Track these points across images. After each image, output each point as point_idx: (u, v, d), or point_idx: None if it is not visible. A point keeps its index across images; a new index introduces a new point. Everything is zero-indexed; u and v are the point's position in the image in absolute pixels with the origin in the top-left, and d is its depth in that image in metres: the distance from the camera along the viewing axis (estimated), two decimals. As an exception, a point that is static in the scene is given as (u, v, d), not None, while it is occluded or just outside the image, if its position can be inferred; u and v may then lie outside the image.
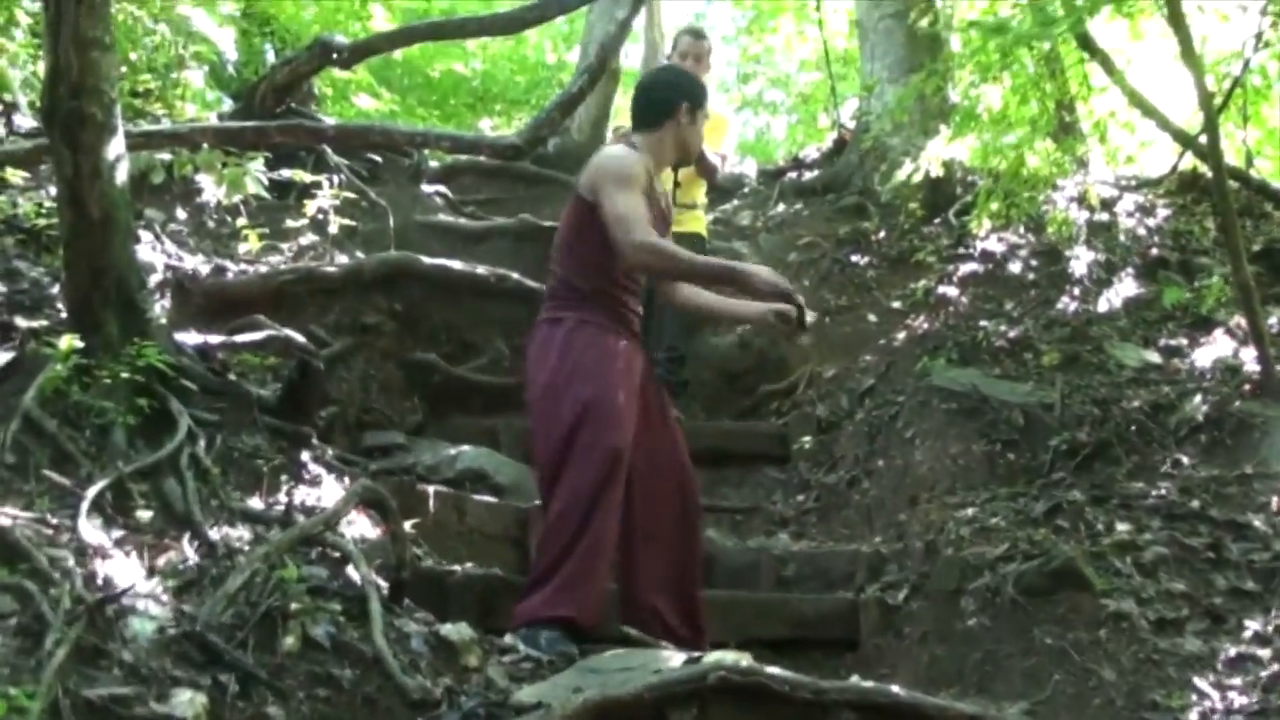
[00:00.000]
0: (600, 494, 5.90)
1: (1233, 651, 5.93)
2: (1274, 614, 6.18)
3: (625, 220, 5.89)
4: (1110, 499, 7.23)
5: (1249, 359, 8.57)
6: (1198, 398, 8.06)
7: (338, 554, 5.45)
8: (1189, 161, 11.71)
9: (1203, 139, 8.69)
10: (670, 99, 6.43)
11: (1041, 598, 6.28)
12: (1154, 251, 10.45)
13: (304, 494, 6.09)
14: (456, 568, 6.59)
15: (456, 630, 5.36)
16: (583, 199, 6.18)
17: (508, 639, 5.69)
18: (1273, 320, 8.76)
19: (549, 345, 6.16)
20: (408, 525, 6.10)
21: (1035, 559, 6.49)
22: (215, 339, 6.93)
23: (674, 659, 5.38)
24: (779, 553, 7.82)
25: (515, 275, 9.67)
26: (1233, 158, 10.89)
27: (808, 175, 13.62)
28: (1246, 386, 8.12)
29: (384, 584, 5.45)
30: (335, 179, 10.37)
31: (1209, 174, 11.02)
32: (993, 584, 6.51)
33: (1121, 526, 6.91)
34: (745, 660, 5.24)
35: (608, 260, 6.08)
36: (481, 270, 9.62)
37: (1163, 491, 7.21)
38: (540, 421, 6.17)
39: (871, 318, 10.14)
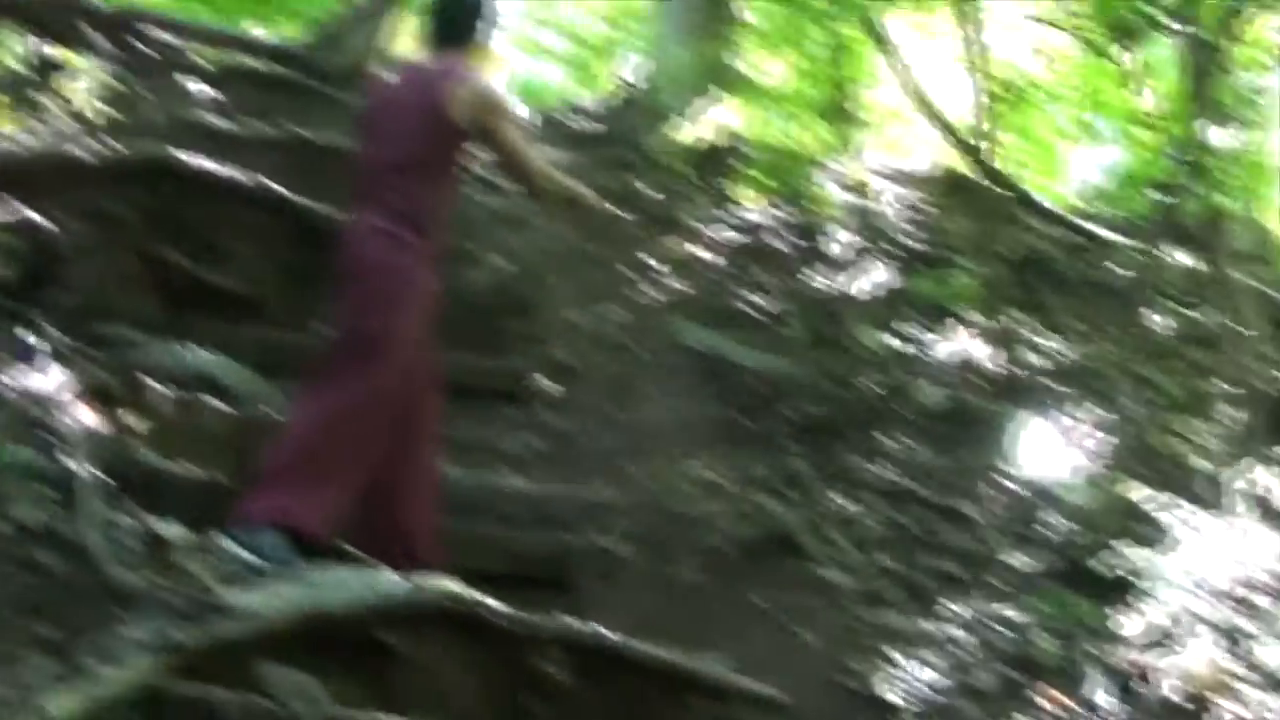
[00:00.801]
0: (360, 419, 5.85)
1: (932, 630, 6.08)
2: (975, 598, 6.35)
3: (530, 154, 6.22)
4: (835, 473, 7.35)
5: (987, 357, 8.78)
6: (933, 388, 8.21)
7: (57, 441, 5.32)
8: (955, 161, 11.88)
9: (975, 141, 8.87)
10: (478, 14, 6.30)
11: (756, 559, 6.41)
12: (911, 243, 10.58)
13: (27, 378, 5.93)
14: (177, 467, 6.38)
15: (170, 528, 5.27)
16: (453, 125, 6.01)
17: (224, 540, 5.51)
18: (1011, 324, 8.97)
19: (381, 262, 6.00)
20: (132, 420, 6.06)
21: (757, 523, 6.57)
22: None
23: (392, 580, 5.33)
24: (505, 490, 7.74)
25: (280, 188, 9.44)
26: (999, 164, 11.07)
27: (586, 125, 13.55)
28: (981, 382, 8.30)
29: (101, 475, 5.31)
30: (101, 67, 10.02)
31: (976, 178, 11.32)
32: (715, 543, 6.58)
33: (842, 501, 7.02)
34: (462, 589, 5.22)
35: (451, 190, 6.23)
36: (241, 176, 9.37)
37: (886, 472, 7.35)
38: (342, 328, 6.06)
39: (627, 272, 10.10)
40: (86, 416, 5.91)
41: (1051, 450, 7.80)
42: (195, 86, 11.41)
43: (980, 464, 7.50)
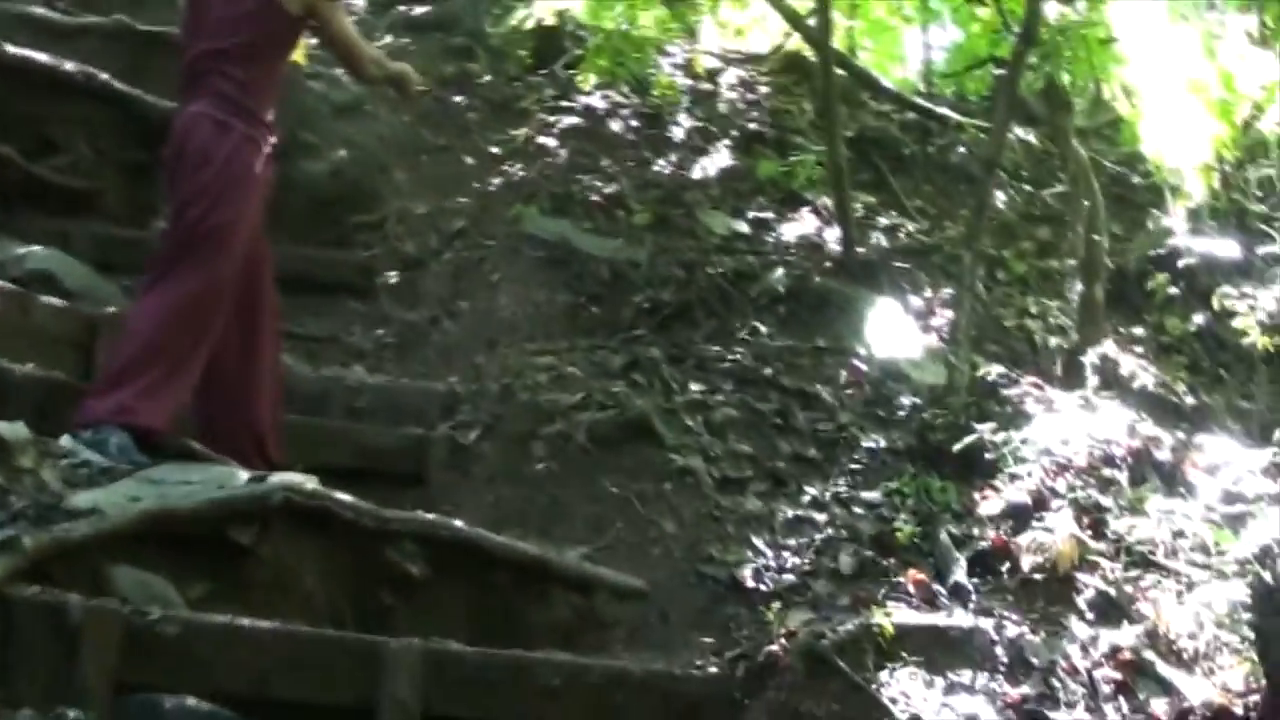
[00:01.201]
0: (199, 312, 5.75)
1: (791, 514, 6.12)
2: (832, 481, 6.38)
3: (361, 43, 6.42)
4: (687, 359, 7.34)
5: (833, 238, 8.80)
6: (780, 270, 8.23)
7: None
8: (794, 43, 11.84)
9: (812, 21, 8.82)
10: None
11: (612, 448, 6.40)
12: (752, 126, 10.54)
13: None
14: (16, 367, 6.22)
15: (11, 429, 5.12)
16: (279, 6, 5.93)
17: (67, 440, 5.45)
18: (856, 205, 8.96)
19: (212, 149, 5.85)
20: None
21: (609, 410, 6.58)
22: None
23: (239, 477, 5.26)
24: (353, 384, 7.63)
25: (105, 76, 9.16)
26: (837, 45, 11.02)
27: (419, 10, 13.27)
28: (828, 264, 8.33)
29: None
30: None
31: (813, 57, 11.27)
32: (565, 430, 6.60)
33: (695, 387, 7.03)
34: (311, 484, 5.15)
35: (279, 73, 6.14)
36: (69, 66, 9.07)
37: (738, 357, 7.36)
38: (171, 220, 5.98)
39: (469, 160, 9.93)
40: None
41: (901, 331, 7.81)
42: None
43: (831, 346, 7.49)
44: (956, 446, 6.31)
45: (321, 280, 8.97)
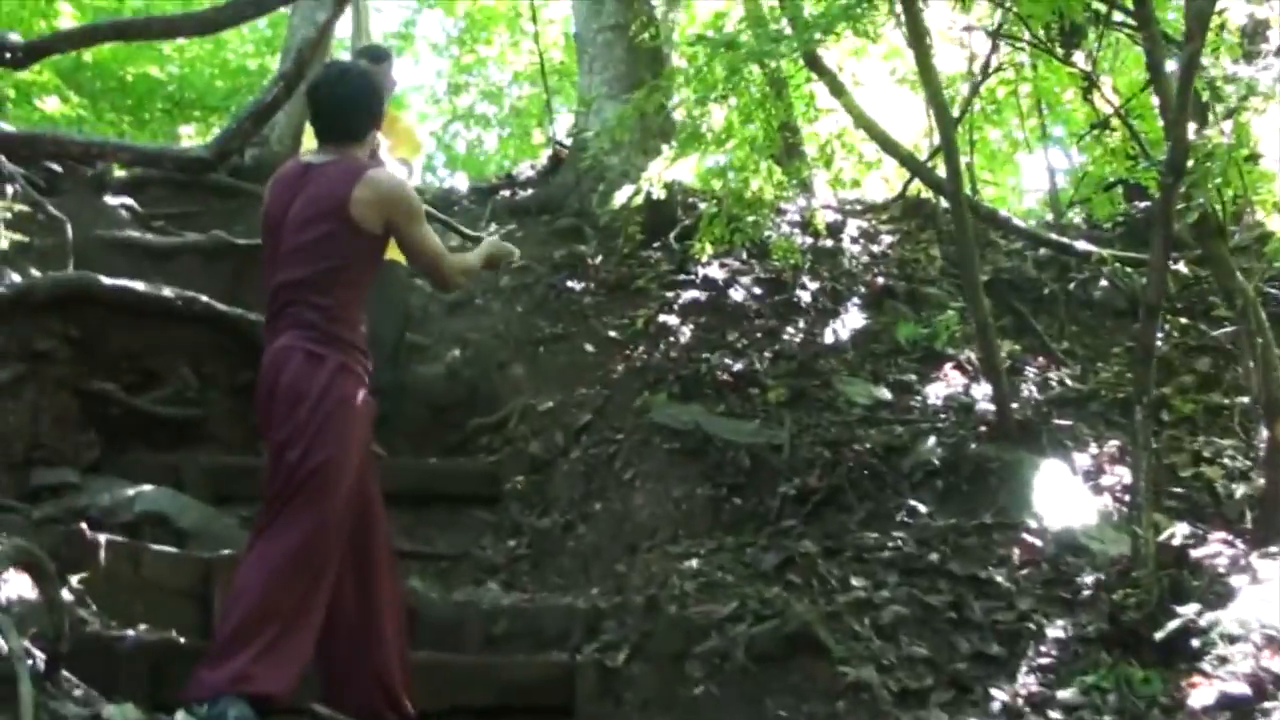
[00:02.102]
0: (311, 560, 5.38)
1: (980, 723, 5.52)
2: (1021, 681, 5.78)
3: (444, 256, 5.87)
4: (844, 550, 6.86)
5: (982, 396, 8.29)
6: (932, 439, 7.75)
7: None
8: (914, 186, 11.47)
9: (932, 162, 8.39)
10: (378, 107, 5.98)
11: (774, 664, 5.91)
12: (880, 280, 10.15)
13: None
14: (129, 632, 5.90)
15: (121, 712, 4.85)
16: (358, 226, 5.58)
17: (181, 717, 5.10)
18: (1001, 355, 8.43)
19: (304, 383, 5.50)
20: (75, 580, 5.69)
21: (767, 620, 6.11)
22: None
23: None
24: (487, 607, 7.24)
25: (205, 298, 8.92)
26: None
27: (522, 194, 13.06)
28: (982, 427, 7.81)
29: (41, 656, 4.87)
30: (8, 190, 9.46)
31: (934, 199, 10.84)
32: (721, 647, 6.09)
33: (857, 582, 6.52)
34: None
35: (366, 293, 5.77)
36: (168, 292, 8.84)
37: (899, 543, 6.86)
38: (272, 462, 5.58)
39: (588, 348, 9.60)
40: (21, 586, 5.33)
41: (1072, 496, 7.22)
42: (110, 200, 10.96)
43: (998, 521, 6.92)
44: (1159, 635, 5.66)
45: (446, 492, 8.69)
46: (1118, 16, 8.29)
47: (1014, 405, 8.01)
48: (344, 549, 5.58)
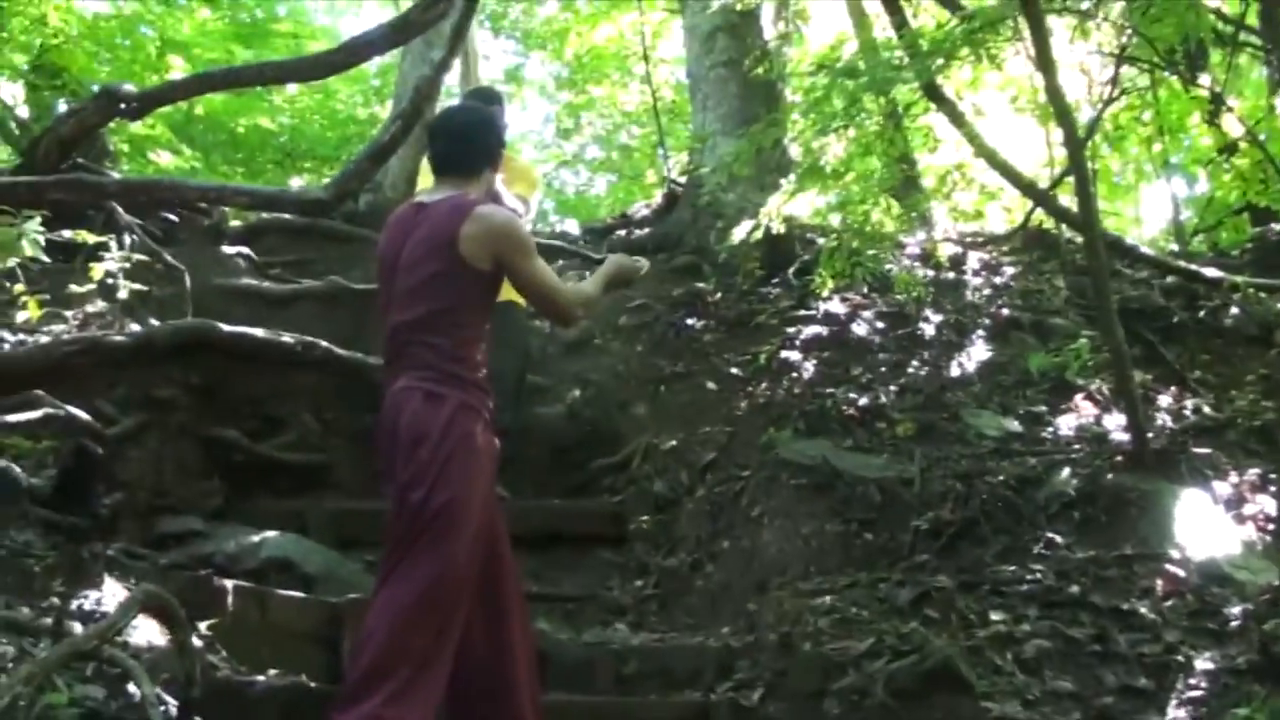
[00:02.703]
0: (439, 601, 5.25)
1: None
2: (1170, 714, 5.61)
3: (559, 289, 5.65)
4: (981, 584, 6.73)
5: (1115, 426, 8.12)
6: (1066, 470, 7.59)
7: (117, 670, 4.85)
8: (1035, 218, 11.30)
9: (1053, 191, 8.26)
10: (496, 144, 5.88)
11: (915, 700, 5.79)
12: (1004, 312, 9.97)
13: (82, 597, 5.49)
14: (258, 677, 5.87)
15: None
16: (468, 264, 5.46)
17: None
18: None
19: (424, 424, 5.37)
20: (204, 626, 5.63)
21: (906, 656, 5.99)
22: (-19, 419, 6.13)
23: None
24: (617, 647, 7.14)
25: (324, 343, 8.90)
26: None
27: (637, 233, 12.99)
28: (1118, 457, 7.62)
29: (172, 702, 4.91)
30: (126, 240, 9.51)
31: (1057, 229, 10.67)
32: (859, 684, 5.99)
33: (996, 616, 6.39)
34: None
35: (483, 331, 5.63)
36: (287, 338, 8.84)
37: (1038, 575, 6.72)
38: (395, 505, 5.44)
39: (710, 385, 9.50)
40: (151, 632, 5.40)
41: (1214, 525, 7.03)
42: (227, 249, 11.02)
43: (1139, 552, 6.75)
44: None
45: (571, 533, 8.60)
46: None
47: (1149, 434, 7.83)
48: (473, 590, 5.51)
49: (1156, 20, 7.75)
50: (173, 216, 10.92)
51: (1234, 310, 9.89)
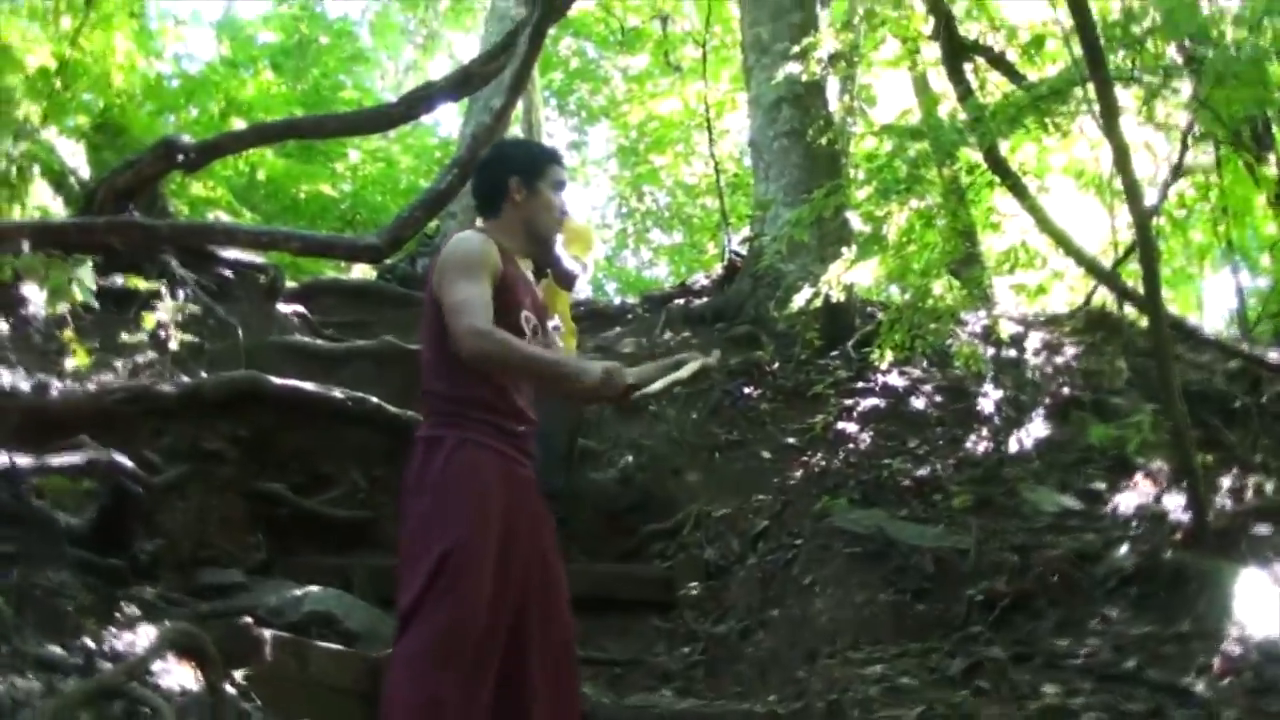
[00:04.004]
0: (454, 652, 4.92)
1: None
2: (1226, 793, 5.47)
3: (461, 306, 4.99)
4: (1035, 656, 6.60)
5: (1174, 506, 7.99)
6: (1125, 546, 7.46)
7: (146, 709, 4.76)
8: (1097, 298, 11.23)
9: (1122, 269, 8.16)
10: (499, 175, 5.48)
11: None
12: (1065, 390, 9.88)
13: (115, 639, 5.42)
14: None
15: None
16: (435, 299, 5.22)
17: None
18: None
19: (425, 470, 5.13)
20: (239, 675, 5.51)
21: (957, 726, 5.77)
22: (24, 460, 6.07)
23: None
24: (662, 712, 6.98)
25: (374, 400, 8.87)
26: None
27: (696, 302, 12.97)
28: (1176, 535, 7.50)
29: None
30: (179, 293, 9.53)
31: (1119, 310, 10.58)
32: (911, 755, 5.77)
33: (1050, 689, 6.25)
34: None
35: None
36: (337, 393, 8.83)
37: (1093, 649, 6.55)
38: (404, 560, 5.19)
39: (765, 454, 9.45)
40: (184, 676, 5.33)
41: (1274, 605, 6.89)
42: (282, 307, 11.04)
43: (1196, 630, 6.61)
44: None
45: (619, 597, 8.49)
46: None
47: (1209, 514, 7.70)
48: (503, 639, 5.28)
49: (1226, 95, 7.66)
50: (228, 273, 10.93)
51: (1299, 396, 9.77)
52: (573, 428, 8.95)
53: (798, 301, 9.95)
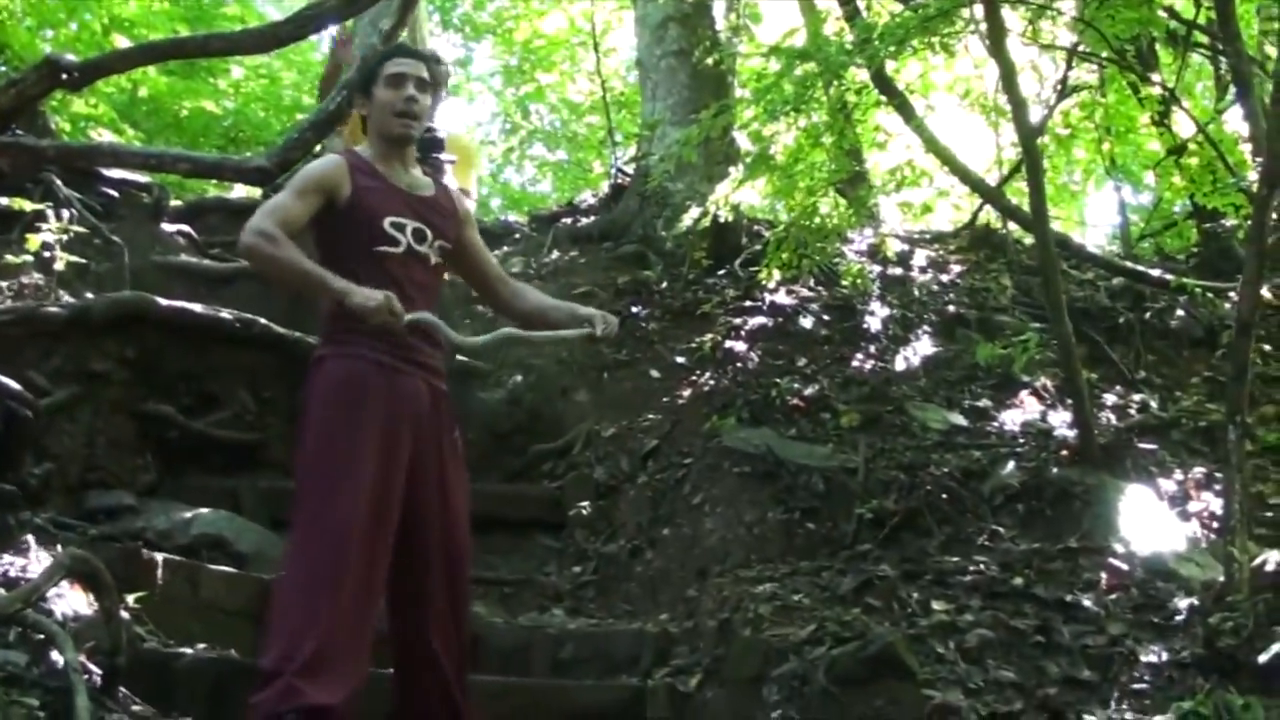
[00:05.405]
0: (328, 557, 4.85)
1: (1075, 751, 5.29)
2: (1115, 707, 5.54)
3: (260, 210, 5.07)
4: (924, 574, 6.66)
5: (1060, 423, 8.10)
6: (1011, 464, 7.55)
7: (40, 635, 4.77)
8: (983, 216, 11.30)
9: (1007, 189, 8.20)
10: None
11: (856, 687, 5.62)
12: (951, 308, 9.94)
13: (7, 564, 5.42)
14: (186, 650, 5.78)
15: None
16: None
17: None
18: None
19: (307, 390, 5.15)
20: (131, 600, 5.54)
21: (847, 642, 5.85)
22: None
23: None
24: (554, 632, 7.03)
25: (263, 320, 8.76)
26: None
27: (584, 221, 12.87)
28: (1063, 452, 7.59)
29: (97, 671, 4.80)
30: (64, 213, 9.34)
31: (1004, 228, 10.66)
32: (800, 670, 5.82)
33: (939, 606, 6.31)
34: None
35: (358, 279, 5.04)
36: (226, 314, 8.69)
37: (981, 566, 6.66)
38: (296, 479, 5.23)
39: (654, 373, 9.42)
40: (78, 601, 5.30)
41: (1159, 521, 6.99)
42: (167, 227, 10.84)
43: (1083, 545, 6.70)
44: (1263, 658, 5.41)
45: (508, 517, 8.48)
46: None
47: (1095, 431, 7.78)
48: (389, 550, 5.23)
49: (1110, 15, 7.70)
50: (113, 192, 10.73)
51: (1179, 312, 9.89)
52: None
53: (686, 221, 9.97)
